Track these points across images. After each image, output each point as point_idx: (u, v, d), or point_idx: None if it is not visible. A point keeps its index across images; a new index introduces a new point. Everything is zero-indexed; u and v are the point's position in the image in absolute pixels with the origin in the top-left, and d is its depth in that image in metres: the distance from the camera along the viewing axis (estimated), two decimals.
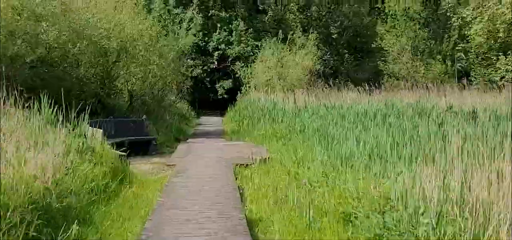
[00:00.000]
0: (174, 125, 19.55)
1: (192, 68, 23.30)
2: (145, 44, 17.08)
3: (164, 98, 19.99)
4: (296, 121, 16.77)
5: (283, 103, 21.18)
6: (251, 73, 30.90)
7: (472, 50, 39.19)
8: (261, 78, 28.27)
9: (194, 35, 26.68)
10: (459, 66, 40.43)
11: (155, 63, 16.92)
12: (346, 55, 42.68)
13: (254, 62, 31.84)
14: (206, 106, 38.05)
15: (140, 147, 15.37)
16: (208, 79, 33.99)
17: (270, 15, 37.88)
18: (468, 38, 39.14)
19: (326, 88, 26.62)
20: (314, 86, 27.63)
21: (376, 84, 27.93)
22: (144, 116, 16.10)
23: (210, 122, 27.67)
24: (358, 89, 25.99)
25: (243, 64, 32.54)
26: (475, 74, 39.54)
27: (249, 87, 29.98)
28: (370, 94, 24.89)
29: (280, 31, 31.65)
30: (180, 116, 24.40)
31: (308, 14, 42.29)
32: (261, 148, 14.66)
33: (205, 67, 33.23)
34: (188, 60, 21.72)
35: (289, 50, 30.36)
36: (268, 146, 15.12)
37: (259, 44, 32.83)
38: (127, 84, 18.13)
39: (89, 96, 16.24)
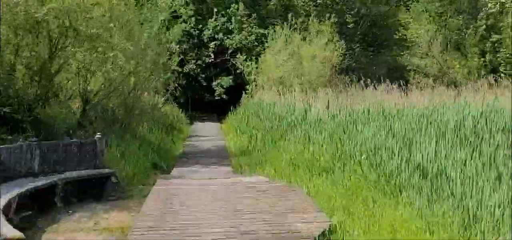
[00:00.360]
0: (153, 144, 13.09)
1: (180, 57, 16.94)
2: (103, 19, 10.58)
3: (136, 104, 13.41)
4: (344, 141, 10.35)
5: (309, 108, 14.76)
6: (257, 68, 24.49)
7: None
8: (274, 74, 21.87)
9: (185, 21, 20.18)
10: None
11: (119, 48, 10.41)
12: (358, 48, 36.29)
13: (259, 54, 25.47)
14: (201, 107, 32.03)
15: (91, 189, 9.00)
16: (203, 75, 27.37)
17: (275, 1, 31.46)
18: (501, 29, 33.23)
19: (350, 85, 20.51)
20: (337, 83, 21.37)
21: (401, 82, 21.82)
22: (98, 135, 9.61)
23: (207, 131, 21.24)
24: (388, 86, 19.79)
25: (246, 57, 26.09)
26: (505, 70, 33.74)
27: (255, 85, 23.58)
28: (406, 94, 18.75)
29: (295, 16, 25.21)
30: (165, 126, 17.97)
31: (319, 1, 35.91)
32: (300, 195, 8.25)
33: (199, 61, 26.71)
34: (173, 44, 15.16)
35: (304, 39, 24.01)
36: (308, 185, 8.78)
37: (266, 33, 26.37)
38: (79, 80, 11.62)
39: (7, 103, 9.80)
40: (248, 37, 26.79)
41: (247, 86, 24.13)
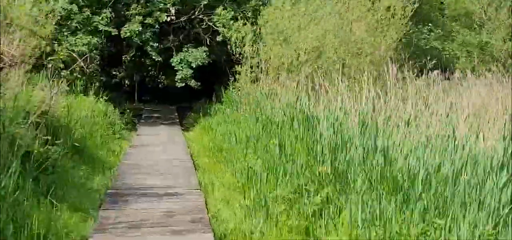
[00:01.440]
0: None
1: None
2: None
3: None
4: None
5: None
6: (255, 33, 13.45)
7: None
8: (298, 45, 11.03)
9: None
10: None
11: None
12: None
13: (258, 10, 14.41)
14: (154, 97, 21.81)
15: None
16: (155, 45, 15.63)
17: None
18: None
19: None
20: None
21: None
22: None
23: (161, 160, 9.98)
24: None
25: (232, 13, 14.84)
26: None
27: (252, 67, 12.68)
28: None
29: None
30: (73, 153, 7.28)
31: None
32: None
33: (150, 20, 15.07)
34: None
35: None
36: None
37: None
38: None
39: None
40: None
41: (238, 67, 13.09)
